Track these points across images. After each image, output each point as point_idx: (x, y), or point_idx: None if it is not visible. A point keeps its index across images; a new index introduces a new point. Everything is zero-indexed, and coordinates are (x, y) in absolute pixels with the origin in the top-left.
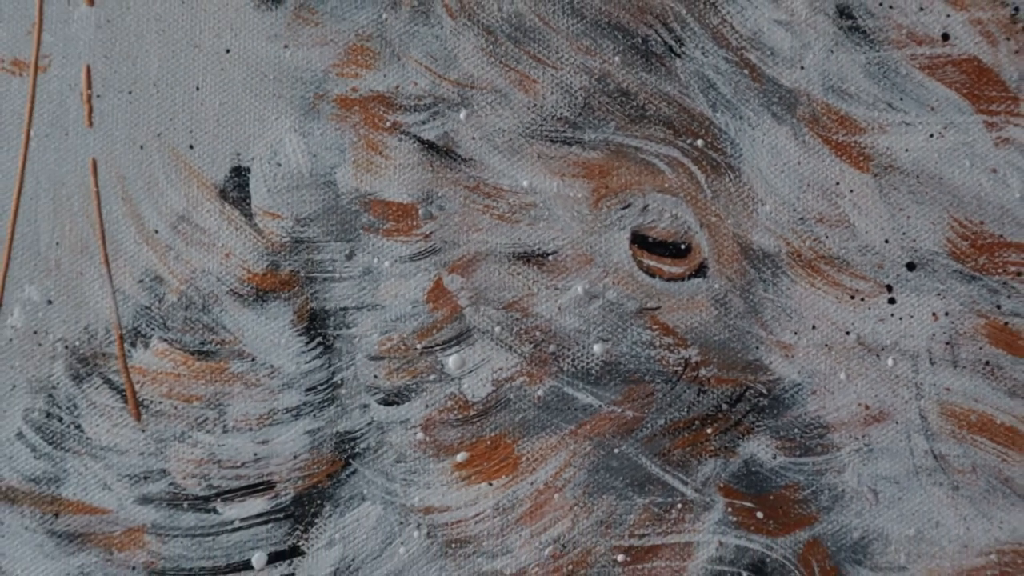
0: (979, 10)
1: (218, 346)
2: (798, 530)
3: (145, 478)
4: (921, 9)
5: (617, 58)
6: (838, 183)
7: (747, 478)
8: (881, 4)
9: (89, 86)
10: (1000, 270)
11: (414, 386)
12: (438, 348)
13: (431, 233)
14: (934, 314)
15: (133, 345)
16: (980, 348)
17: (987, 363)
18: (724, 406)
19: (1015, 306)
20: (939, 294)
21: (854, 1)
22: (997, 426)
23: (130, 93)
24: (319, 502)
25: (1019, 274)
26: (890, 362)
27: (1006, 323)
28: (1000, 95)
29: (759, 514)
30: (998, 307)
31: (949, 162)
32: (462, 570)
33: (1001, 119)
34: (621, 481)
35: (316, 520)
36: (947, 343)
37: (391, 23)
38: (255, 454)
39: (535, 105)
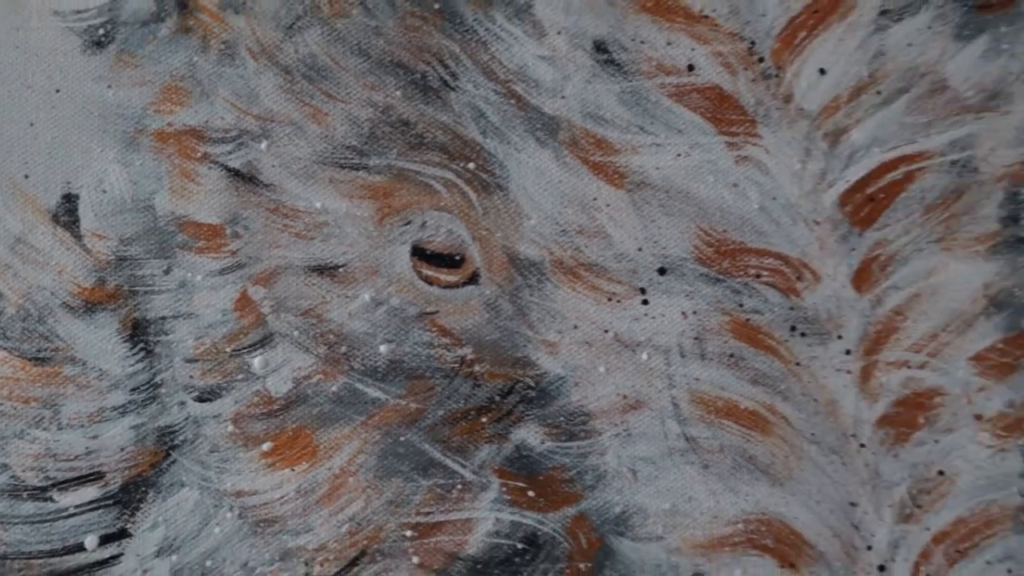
0: (720, 44)
1: (52, 353)
2: (566, 506)
3: None
4: (669, 44)
5: (399, 92)
6: (595, 199)
7: (519, 461)
8: (633, 40)
9: None
10: (742, 273)
11: (225, 385)
12: (245, 351)
13: (237, 250)
14: (683, 313)
15: None
16: (725, 342)
17: (731, 355)
18: (497, 398)
19: (755, 304)
20: (687, 295)
21: (609, 37)
22: (741, 411)
23: None
24: (144, 489)
25: (758, 276)
26: (644, 356)
27: (747, 320)
28: (739, 118)
29: (530, 493)
30: (740, 306)
31: (695, 178)
32: (270, 546)
33: (741, 140)
34: (407, 465)
35: (141, 505)
36: (695, 338)
37: (201, 65)
38: (87, 448)
39: (327, 135)
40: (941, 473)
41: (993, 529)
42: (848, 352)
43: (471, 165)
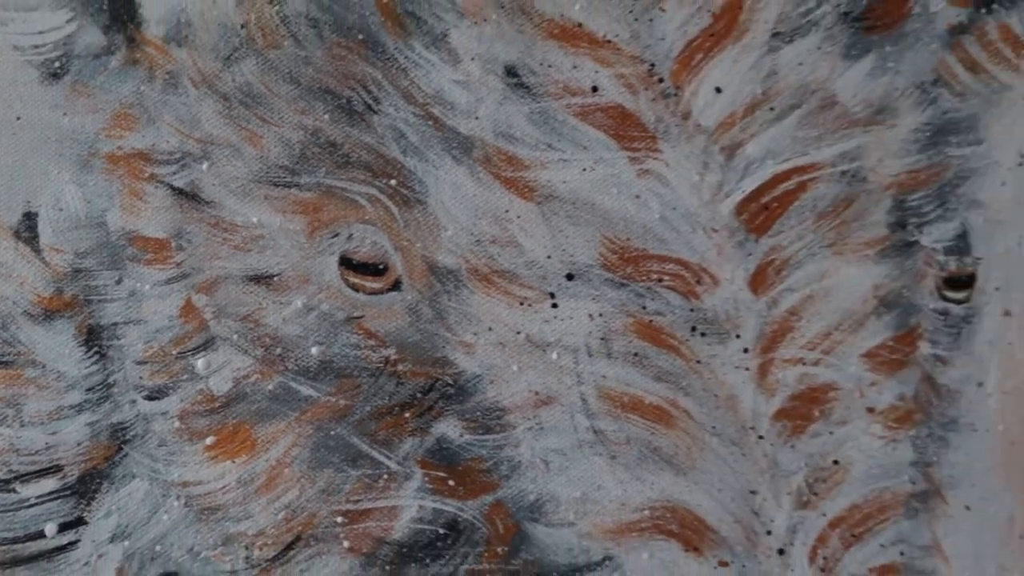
0: (622, 66)
1: (15, 357)
2: (484, 494)
3: None
4: (574, 67)
5: (327, 116)
6: (507, 211)
7: (440, 453)
8: (541, 64)
9: None
10: (644, 278)
11: (171, 384)
12: (189, 353)
13: (182, 261)
14: (590, 315)
15: None
16: (630, 342)
17: (636, 354)
18: (419, 395)
19: (658, 307)
20: (594, 299)
21: (519, 62)
22: (646, 405)
23: None
24: (98, 481)
25: (660, 280)
26: (554, 356)
27: (650, 321)
28: (641, 135)
29: (451, 482)
30: (644, 308)
31: (600, 191)
32: (213, 532)
33: (642, 154)
34: (337, 457)
35: (96, 495)
36: (602, 339)
37: (147, 94)
38: (46, 443)
39: (261, 156)
40: (836, 463)
41: (886, 514)
42: (746, 350)
43: (393, 182)
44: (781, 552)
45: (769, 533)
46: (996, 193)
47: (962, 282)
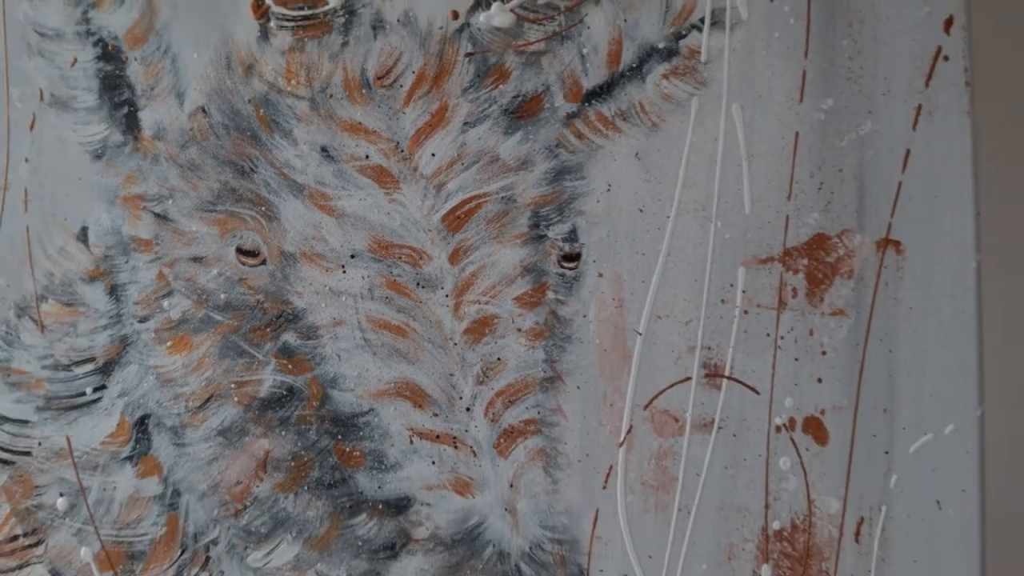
0: (381, 144)
1: (74, 300)
2: (306, 373)
3: None
4: (356, 145)
5: (231, 175)
6: (320, 222)
7: (285, 350)
8: (340, 144)
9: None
10: (392, 256)
11: (150, 315)
12: (160, 299)
13: (158, 251)
14: (363, 277)
15: None
16: (385, 291)
17: (387, 298)
18: (273, 319)
19: (399, 272)
20: (365, 267)
21: (328, 144)
22: (393, 325)
23: (53, 196)
24: (113, 365)
25: (400, 258)
26: (343, 299)
27: (395, 279)
28: (391, 180)
29: (290, 366)
30: (392, 272)
31: (369, 211)
32: (169, 392)
33: (391, 191)
34: (232, 352)
35: (112, 372)
36: (369, 289)
37: (143, 165)
38: (88, 345)
39: (199, 196)
40: (499, 359)
41: (529, 389)
42: (447, 295)
43: (263, 208)
44: (468, 409)
45: (461, 399)
46: (594, 207)
47: (573, 257)
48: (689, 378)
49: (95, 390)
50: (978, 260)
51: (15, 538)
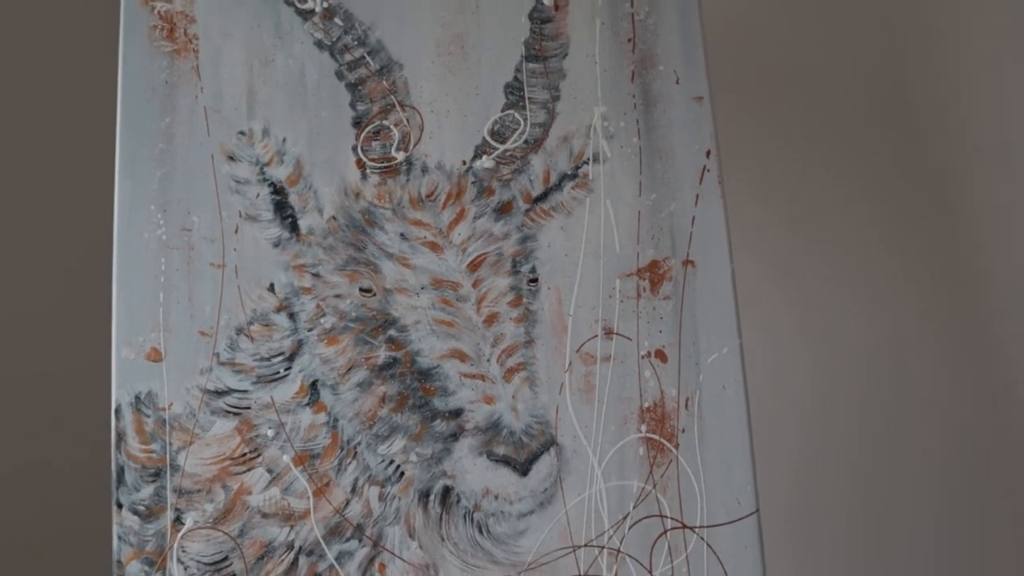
0: None
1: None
2: None
3: None
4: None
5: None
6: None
7: None
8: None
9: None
10: None
11: None
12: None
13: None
14: None
15: None
16: None
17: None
18: None
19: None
20: None
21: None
22: None
23: (253, 268)
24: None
25: None
26: None
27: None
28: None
29: None
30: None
31: None
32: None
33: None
34: None
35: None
36: None
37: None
38: None
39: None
40: (502, 334)
41: (518, 348)
42: (472, 304)
43: (372, 267)
44: (488, 360)
45: (484, 356)
46: (543, 255)
47: (534, 280)
48: (596, 336)
49: (285, 370)
50: (732, 267)
51: (244, 454)
